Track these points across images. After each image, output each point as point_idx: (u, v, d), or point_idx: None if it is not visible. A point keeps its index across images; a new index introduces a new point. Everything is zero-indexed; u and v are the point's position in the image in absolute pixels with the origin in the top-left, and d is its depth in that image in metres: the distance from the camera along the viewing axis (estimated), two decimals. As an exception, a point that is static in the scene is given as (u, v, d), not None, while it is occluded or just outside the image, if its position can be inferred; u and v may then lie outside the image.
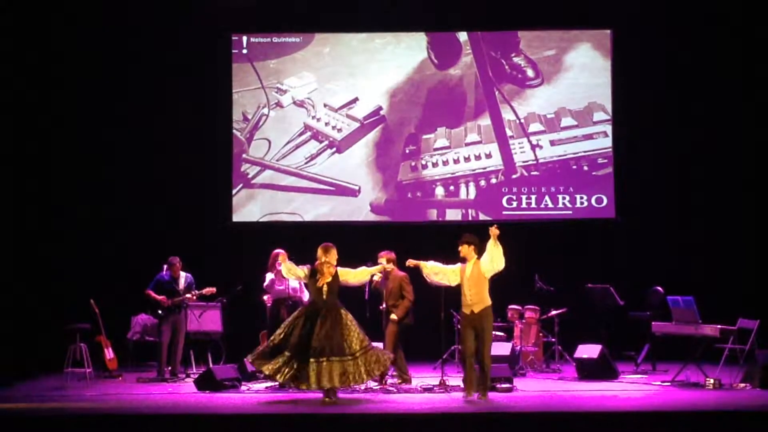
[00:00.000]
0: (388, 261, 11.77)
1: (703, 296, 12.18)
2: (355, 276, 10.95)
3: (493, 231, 10.49)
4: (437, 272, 10.87)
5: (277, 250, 11.96)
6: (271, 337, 10.74)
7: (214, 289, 12.79)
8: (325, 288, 10.64)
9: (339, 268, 10.78)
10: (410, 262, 10.99)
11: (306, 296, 11.86)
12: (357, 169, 15.25)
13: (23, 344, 13.59)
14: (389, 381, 11.60)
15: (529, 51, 15.27)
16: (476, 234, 10.92)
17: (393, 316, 11.71)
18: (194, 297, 12.72)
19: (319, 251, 10.78)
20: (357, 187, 15.21)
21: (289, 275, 11.03)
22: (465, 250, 10.74)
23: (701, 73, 14.94)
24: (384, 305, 11.82)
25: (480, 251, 10.68)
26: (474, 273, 10.67)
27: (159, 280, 12.71)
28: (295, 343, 10.44)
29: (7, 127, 14.41)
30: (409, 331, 11.93)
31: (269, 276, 12.41)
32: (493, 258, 10.53)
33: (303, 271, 10.78)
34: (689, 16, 14.89)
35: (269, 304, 12.54)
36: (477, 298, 10.64)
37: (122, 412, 10.07)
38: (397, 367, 11.74)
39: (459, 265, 10.83)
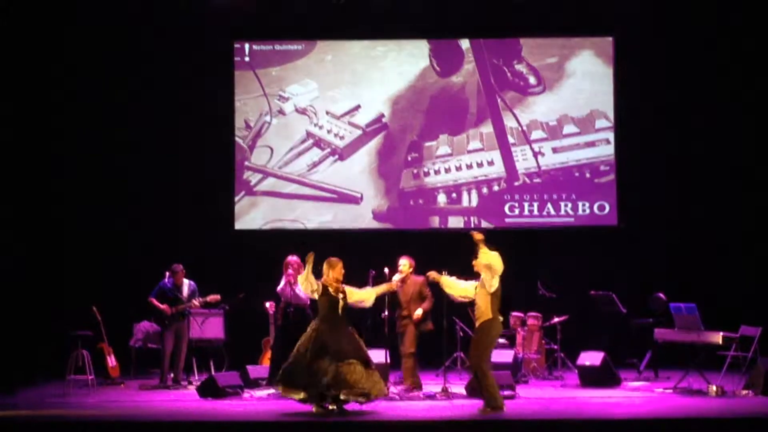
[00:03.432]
0: (410, 267, 11.88)
1: (706, 303, 12.17)
2: (360, 296, 10.61)
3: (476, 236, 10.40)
4: (456, 289, 10.66)
5: (291, 257, 11.95)
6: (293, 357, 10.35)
7: (218, 297, 12.78)
8: (341, 304, 10.36)
9: (345, 287, 10.50)
10: (432, 276, 10.87)
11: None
12: (359, 177, 15.26)
13: (25, 351, 13.58)
14: (396, 388, 11.65)
15: (531, 58, 15.29)
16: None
17: (418, 311, 11.73)
18: (199, 304, 12.73)
19: (325, 266, 10.48)
20: (359, 195, 15.22)
21: (304, 285, 10.41)
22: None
23: (703, 80, 14.94)
24: (386, 313, 11.80)
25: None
26: (478, 287, 10.54)
27: (162, 287, 12.70)
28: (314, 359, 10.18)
29: (9, 133, 14.42)
30: (428, 336, 11.96)
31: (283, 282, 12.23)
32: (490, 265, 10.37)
33: (318, 286, 10.33)
34: (691, 23, 14.90)
35: (272, 311, 12.53)
36: (478, 312, 10.42)
37: (124, 420, 10.07)
38: (411, 372, 11.79)
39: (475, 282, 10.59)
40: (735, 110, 14.90)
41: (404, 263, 11.97)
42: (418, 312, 11.82)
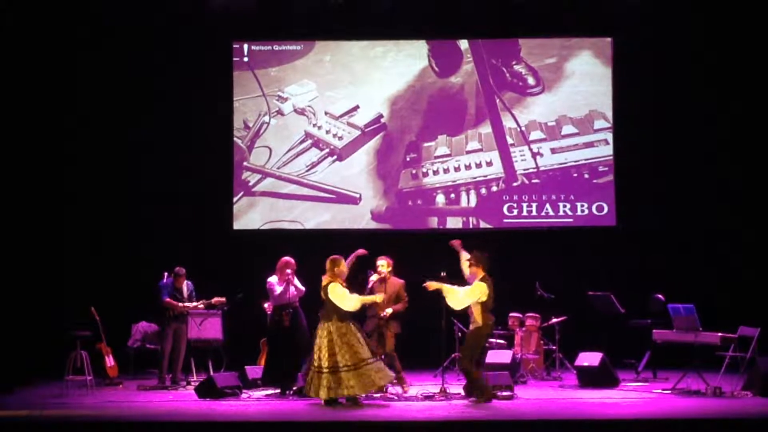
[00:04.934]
0: (388, 266, 11.81)
1: (704, 304, 12.17)
2: (352, 304, 10.89)
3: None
4: (456, 299, 10.98)
5: (286, 258, 11.94)
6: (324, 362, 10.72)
7: (224, 299, 12.80)
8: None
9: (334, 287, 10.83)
10: (430, 285, 11.07)
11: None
12: (358, 177, 15.26)
13: (23, 351, 13.57)
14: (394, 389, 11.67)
15: (530, 59, 15.29)
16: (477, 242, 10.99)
17: (388, 310, 11.63)
18: (204, 307, 12.75)
19: (329, 264, 10.89)
20: (358, 195, 15.22)
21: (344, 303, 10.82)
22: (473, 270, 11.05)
23: (702, 80, 14.95)
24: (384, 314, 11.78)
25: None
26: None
27: (168, 286, 12.69)
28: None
29: (9, 135, 14.42)
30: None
31: (274, 281, 12.18)
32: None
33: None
34: (690, 23, 14.91)
35: (270, 312, 12.51)
36: (471, 318, 11.12)
37: (123, 420, 10.06)
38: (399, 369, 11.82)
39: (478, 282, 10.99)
40: (735, 110, 14.90)
41: (382, 263, 11.84)
42: (388, 310, 11.64)
